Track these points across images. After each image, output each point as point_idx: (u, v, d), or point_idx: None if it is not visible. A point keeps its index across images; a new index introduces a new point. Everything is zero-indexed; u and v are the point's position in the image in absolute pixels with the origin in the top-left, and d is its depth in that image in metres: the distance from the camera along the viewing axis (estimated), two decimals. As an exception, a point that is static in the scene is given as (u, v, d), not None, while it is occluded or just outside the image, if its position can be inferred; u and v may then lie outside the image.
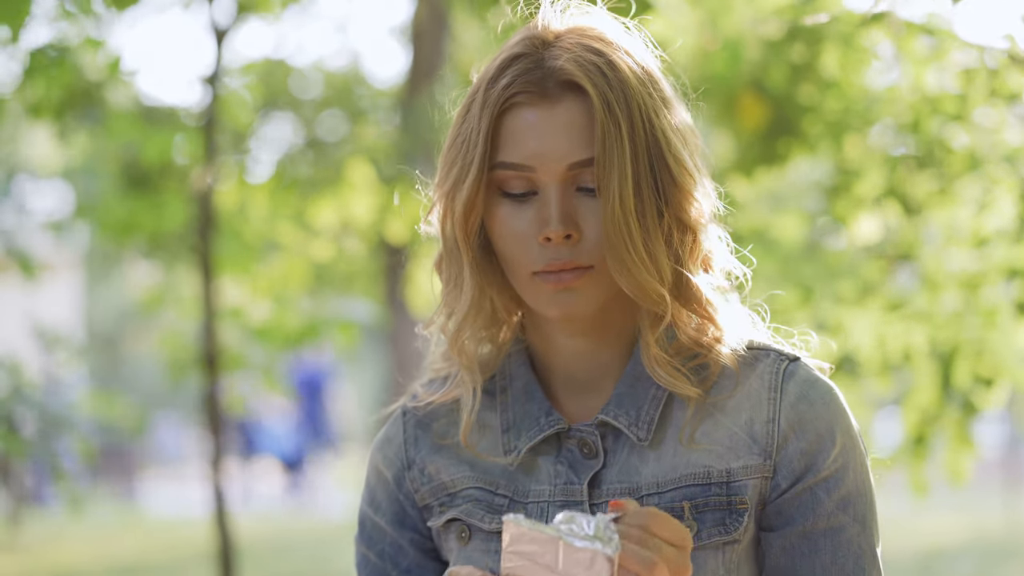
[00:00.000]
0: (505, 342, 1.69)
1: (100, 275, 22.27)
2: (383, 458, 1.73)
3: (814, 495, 1.58)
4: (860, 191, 3.58)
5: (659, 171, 1.57)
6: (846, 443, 1.60)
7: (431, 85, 9.77)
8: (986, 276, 3.41)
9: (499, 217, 1.59)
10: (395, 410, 1.75)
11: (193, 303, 6.98)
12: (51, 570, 10.31)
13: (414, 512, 1.70)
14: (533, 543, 1.39)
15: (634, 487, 1.59)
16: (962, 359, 3.44)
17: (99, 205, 7.54)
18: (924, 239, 3.60)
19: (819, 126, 3.60)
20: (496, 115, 1.58)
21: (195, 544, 10.54)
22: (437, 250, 1.67)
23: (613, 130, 1.54)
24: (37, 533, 12.02)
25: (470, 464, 1.67)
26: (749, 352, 1.63)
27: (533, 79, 1.57)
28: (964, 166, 3.40)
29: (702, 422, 1.60)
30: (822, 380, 1.62)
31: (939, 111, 3.39)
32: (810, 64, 3.59)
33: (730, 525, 1.57)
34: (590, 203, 1.57)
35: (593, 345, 1.64)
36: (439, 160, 1.64)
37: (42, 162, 10.79)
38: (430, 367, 1.73)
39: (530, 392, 1.66)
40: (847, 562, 1.58)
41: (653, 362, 1.60)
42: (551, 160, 1.56)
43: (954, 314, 3.47)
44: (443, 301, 1.66)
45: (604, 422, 1.62)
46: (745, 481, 1.58)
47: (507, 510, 1.63)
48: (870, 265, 3.68)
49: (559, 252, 1.56)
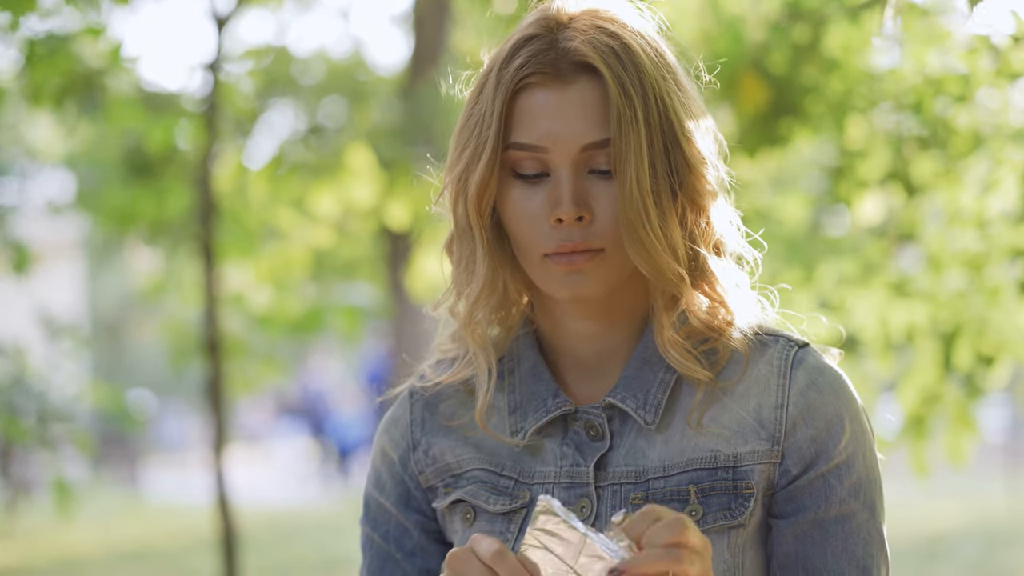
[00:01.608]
0: (514, 324, 1.69)
1: (102, 262, 22.28)
2: (389, 439, 1.73)
3: (826, 483, 1.58)
4: (863, 172, 3.58)
5: (673, 153, 1.57)
6: (855, 430, 1.60)
7: (433, 71, 9.76)
8: (989, 256, 3.41)
9: (511, 198, 1.59)
10: (402, 391, 1.75)
11: (195, 290, 6.98)
12: (54, 557, 10.33)
13: (419, 494, 1.70)
14: (557, 532, 1.38)
15: (640, 470, 1.59)
16: (964, 338, 3.44)
17: (101, 192, 7.54)
18: (927, 219, 3.60)
19: (821, 107, 3.59)
20: (509, 96, 1.57)
21: (198, 531, 10.56)
22: (448, 232, 1.67)
23: (628, 112, 1.54)
24: (39, 520, 12.04)
25: (476, 445, 1.67)
26: (758, 337, 1.63)
27: (547, 60, 1.57)
28: (968, 146, 3.39)
29: (710, 406, 1.60)
30: (831, 367, 1.62)
31: (942, 91, 3.39)
32: (812, 45, 3.58)
33: (736, 510, 1.57)
34: (603, 185, 1.56)
35: (602, 328, 1.64)
36: (450, 141, 1.64)
37: (44, 149, 10.77)
38: (438, 348, 1.73)
39: (538, 374, 1.66)
40: (857, 548, 1.58)
41: (668, 345, 1.60)
42: (564, 141, 1.56)
43: (957, 294, 3.47)
44: (453, 282, 1.66)
45: (611, 405, 1.62)
46: (752, 466, 1.58)
47: (512, 491, 1.63)
48: (873, 245, 3.68)
49: (571, 234, 1.56)
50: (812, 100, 3.58)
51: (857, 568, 1.58)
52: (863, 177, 3.57)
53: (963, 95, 3.34)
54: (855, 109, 3.55)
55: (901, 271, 3.64)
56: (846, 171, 3.59)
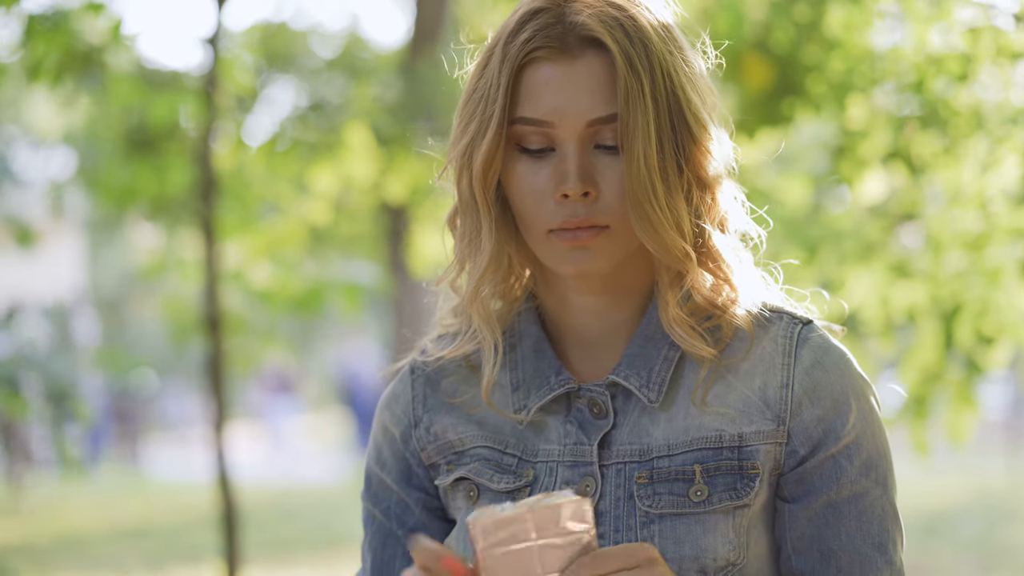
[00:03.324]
0: (517, 298, 1.68)
1: (103, 239, 22.27)
2: (390, 415, 1.72)
3: (837, 463, 1.57)
4: (864, 152, 3.57)
5: (679, 128, 1.56)
6: (862, 407, 1.59)
7: (432, 48, 9.74)
8: (990, 237, 3.41)
9: (516, 173, 1.58)
10: (403, 367, 1.74)
11: (195, 267, 6.97)
12: (55, 534, 10.35)
13: (420, 471, 1.69)
14: (502, 528, 1.36)
15: (644, 448, 1.59)
16: (965, 318, 3.44)
17: (101, 170, 7.52)
18: (928, 199, 3.59)
19: (823, 86, 3.58)
20: (516, 70, 1.56)
21: (199, 508, 10.58)
22: (451, 206, 1.65)
23: (636, 87, 1.53)
24: (41, 497, 12.06)
25: (478, 423, 1.66)
26: (762, 314, 1.62)
27: (553, 34, 1.55)
28: (969, 126, 3.39)
29: (714, 384, 1.59)
30: (835, 345, 1.61)
31: (944, 71, 3.38)
32: (814, 24, 3.57)
33: (741, 490, 1.56)
34: (609, 161, 1.55)
35: (606, 304, 1.63)
36: (454, 115, 1.62)
37: (44, 127, 10.76)
38: (439, 323, 1.72)
39: (540, 350, 1.65)
40: (872, 525, 1.58)
41: (672, 322, 1.59)
42: (570, 116, 1.54)
43: (957, 273, 3.47)
44: (456, 257, 1.65)
45: (614, 382, 1.61)
46: (757, 446, 1.57)
47: (516, 469, 1.62)
48: (874, 224, 3.67)
49: (576, 209, 1.55)
50: (814, 79, 3.58)
51: (873, 545, 1.57)
52: (864, 156, 3.56)
53: (964, 74, 3.33)
54: (856, 88, 3.54)
55: (902, 251, 3.64)
56: (847, 150, 3.59)
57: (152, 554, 9.36)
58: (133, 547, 9.73)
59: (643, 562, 1.40)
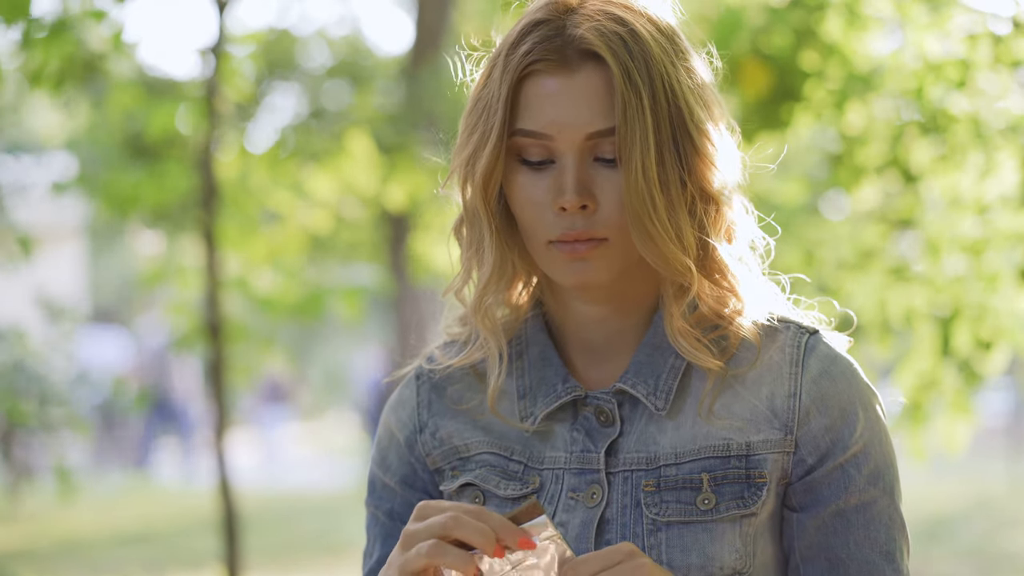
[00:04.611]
0: (523, 307, 1.69)
1: (104, 245, 22.27)
2: (396, 420, 1.73)
3: (845, 473, 1.58)
4: (863, 158, 3.57)
5: (682, 140, 1.55)
6: (869, 417, 1.60)
7: (434, 55, 9.75)
8: (988, 242, 3.41)
9: (517, 184, 1.58)
10: (409, 372, 1.75)
11: (196, 274, 6.98)
12: (56, 540, 10.35)
13: (425, 475, 1.70)
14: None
15: (652, 456, 1.59)
16: (963, 323, 3.45)
17: (101, 176, 7.53)
18: (926, 205, 3.60)
19: (821, 92, 3.59)
20: (516, 82, 1.56)
21: (201, 513, 10.58)
22: (457, 215, 1.66)
23: (634, 101, 1.52)
24: (42, 503, 12.05)
25: (484, 429, 1.67)
26: (769, 324, 1.62)
27: (553, 47, 1.55)
28: (967, 133, 3.39)
29: (721, 394, 1.60)
30: (842, 355, 1.62)
31: (942, 78, 3.38)
32: (812, 30, 3.58)
33: (748, 499, 1.57)
34: (607, 174, 1.56)
35: (610, 313, 1.64)
36: (460, 124, 1.63)
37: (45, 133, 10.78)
38: (445, 330, 1.73)
39: (547, 358, 1.66)
40: (880, 534, 1.59)
41: (677, 334, 1.59)
42: (569, 129, 1.54)
43: (955, 279, 3.48)
44: (463, 266, 1.65)
45: (621, 390, 1.62)
46: (765, 455, 1.57)
47: (522, 476, 1.63)
48: (871, 230, 3.68)
49: (574, 222, 1.55)
50: (812, 85, 3.58)
51: (881, 554, 1.58)
52: (863, 163, 3.57)
53: (962, 81, 3.34)
54: (855, 95, 3.55)
55: (900, 256, 3.64)
56: (845, 157, 3.59)
57: (153, 559, 9.36)
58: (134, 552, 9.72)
59: (624, 557, 1.42)
